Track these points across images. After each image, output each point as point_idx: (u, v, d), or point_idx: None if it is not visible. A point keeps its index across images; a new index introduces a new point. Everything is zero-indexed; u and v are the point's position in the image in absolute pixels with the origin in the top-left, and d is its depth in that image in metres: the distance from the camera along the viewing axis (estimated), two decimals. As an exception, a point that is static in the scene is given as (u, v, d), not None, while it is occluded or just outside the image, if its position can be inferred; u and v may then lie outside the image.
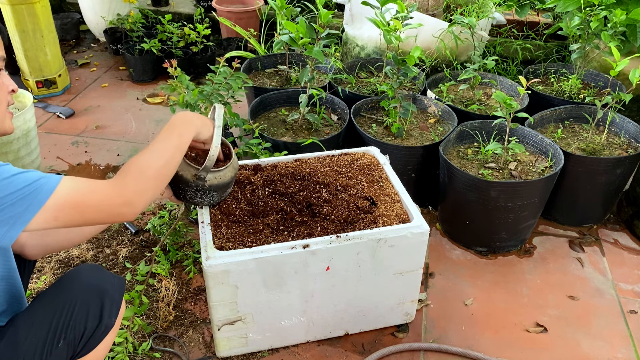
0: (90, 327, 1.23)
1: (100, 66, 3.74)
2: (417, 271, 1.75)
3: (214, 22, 3.82)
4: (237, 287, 1.56)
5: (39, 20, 3.02)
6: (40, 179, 1.09)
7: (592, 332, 1.91)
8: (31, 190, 1.06)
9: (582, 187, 2.26)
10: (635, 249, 2.30)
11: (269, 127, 2.42)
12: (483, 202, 2.08)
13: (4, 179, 1.04)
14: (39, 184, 1.08)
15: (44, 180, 1.09)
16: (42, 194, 1.08)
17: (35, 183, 1.07)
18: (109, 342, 1.31)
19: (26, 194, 1.06)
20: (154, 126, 3.06)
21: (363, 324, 1.83)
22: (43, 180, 1.09)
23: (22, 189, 1.05)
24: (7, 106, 1.22)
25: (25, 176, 1.08)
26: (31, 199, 1.06)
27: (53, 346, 1.18)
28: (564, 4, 2.61)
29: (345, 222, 1.66)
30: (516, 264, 2.20)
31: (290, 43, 2.20)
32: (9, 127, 1.22)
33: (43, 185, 1.08)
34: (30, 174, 1.09)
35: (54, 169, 2.67)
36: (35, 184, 1.07)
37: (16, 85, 1.26)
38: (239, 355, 1.76)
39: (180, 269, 2.08)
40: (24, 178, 1.07)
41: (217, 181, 1.54)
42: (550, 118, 2.46)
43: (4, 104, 1.20)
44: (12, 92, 1.23)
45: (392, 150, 2.16)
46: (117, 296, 1.29)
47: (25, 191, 1.06)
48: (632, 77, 2.08)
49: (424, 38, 2.73)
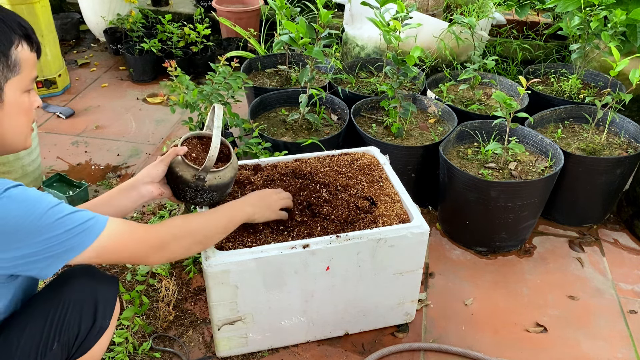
0: (84, 328, 1.22)
1: (100, 66, 3.74)
2: (417, 271, 1.75)
3: (214, 22, 3.82)
4: (237, 287, 1.56)
5: (39, 20, 3.02)
6: (89, 220, 1.14)
7: (592, 332, 1.91)
8: (80, 231, 1.11)
9: (582, 187, 2.26)
10: (635, 249, 2.30)
11: (269, 127, 2.42)
12: (483, 202, 2.08)
13: (60, 218, 1.08)
14: (87, 226, 1.13)
15: (92, 222, 1.14)
16: (89, 237, 1.13)
17: (84, 224, 1.12)
18: (104, 343, 1.30)
19: (74, 235, 1.10)
20: (154, 126, 3.06)
21: (363, 324, 1.83)
22: (91, 222, 1.14)
23: (71, 230, 1.10)
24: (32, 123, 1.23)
25: (76, 216, 1.11)
26: (77, 240, 1.11)
27: (47, 348, 1.17)
28: (564, 4, 2.61)
29: (345, 222, 1.66)
30: (516, 264, 2.20)
31: (290, 43, 2.20)
32: (30, 143, 1.24)
33: (91, 228, 1.13)
34: (81, 215, 1.13)
35: (54, 169, 2.67)
36: (84, 225, 1.12)
37: (41, 101, 1.28)
38: (239, 355, 1.76)
39: (180, 269, 2.08)
40: (75, 218, 1.11)
41: (216, 181, 1.54)
42: (550, 118, 2.46)
43: (31, 122, 1.22)
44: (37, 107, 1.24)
45: (392, 150, 2.16)
46: (111, 297, 1.29)
47: (73, 232, 1.10)
48: (632, 77, 2.08)
49: (424, 38, 2.73)
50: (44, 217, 1.06)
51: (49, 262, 1.08)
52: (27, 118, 1.19)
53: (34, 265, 1.07)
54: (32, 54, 1.16)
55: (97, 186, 2.56)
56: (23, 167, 2.39)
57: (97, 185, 2.57)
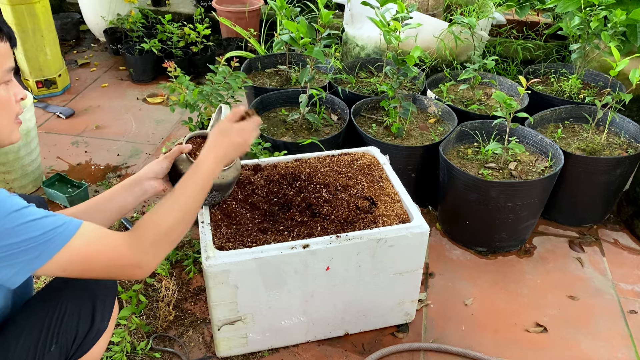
0: (82, 330, 1.21)
1: (100, 66, 3.74)
2: (417, 271, 1.75)
3: (214, 22, 3.82)
4: (237, 287, 1.56)
5: (39, 20, 3.02)
6: (57, 227, 1.04)
7: (592, 332, 1.91)
8: (46, 239, 1.02)
9: (582, 187, 2.26)
10: (635, 249, 2.30)
11: (269, 127, 2.42)
12: (483, 202, 2.08)
13: (22, 224, 1.00)
14: (54, 234, 1.04)
15: (59, 229, 1.05)
16: (55, 245, 1.04)
17: (51, 232, 1.03)
18: (103, 345, 1.30)
19: (39, 243, 1.01)
20: (154, 126, 3.06)
21: (363, 324, 1.83)
22: (59, 229, 1.05)
23: (37, 237, 1.01)
24: (16, 116, 1.18)
25: (43, 223, 1.03)
26: (43, 249, 1.02)
27: (45, 351, 1.17)
28: (564, 4, 2.61)
29: (345, 222, 1.66)
30: (516, 264, 2.20)
31: (291, 43, 2.20)
32: (16, 137, 1.18)
33: (57, 236, 1.04)
34: (48, 221, 1.04)
35: (54, 169, 2.67)
36: (50, 232, 1.03)
37: (25, 93, 1.22)
38: (239, 355, 1.76)
39: (180, 268, 2.08)
40: (41, 225, 1.02)
41: (219, 181, 1.54)
42: (550, 118, 2.46)
43: (13, 115, 1.16)
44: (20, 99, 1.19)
45: (392, 150, 2.16)
46: (109, 299, 1.28)
47: (39, 239, 1.02)
48: (632, 77, 2.08)
49: (424, 38, 2.73)
50: (6, 220, 0.98)
51: (11, 271, 1.01)
52: (8, 112, 1.14)
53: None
54: (4, 44, 1.10)
55: (97, 186, 2.56)
56: (23, 167, 2.39)
57: (97, 185, 2.57)
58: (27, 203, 1.04)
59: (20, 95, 1.18)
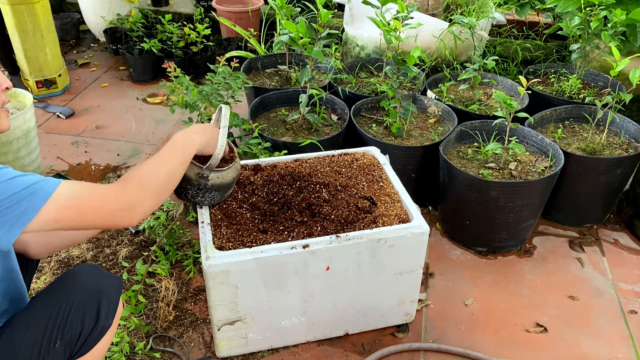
0: (87, 327, 1.22)
1: (100, 66, 3.74)
2: (417, 271, 1.75)
3: (214, 22, 3.82)
4: (237, 287, 1.56)
5: (39, 20, 3.02)
6: (39, 181, 1.09)
7: (592, 332, 1.91)
8: (29, 192, 1.06)
9: (582, 187, 2.26)
10: (635, 249, 2.30)
11: (269, 127, 2.42)
12: (483, 202, 2.08)
13: (3, 182, 1.04)
14: (38, 187, 1.08)
15: (42, 183, 1.09)
16: (40, 197, 1.08)
17: (33, 186, 1.07)
18: (107, 342, 1.30)
19: (24, 196, 1.06)
20: (154, 126, 3.06)
21: (363, 324, 1.83)
22: (41, 183, 1.09)
23: (20, 192, 1.05)
24: (2, 105, 1.22)
25: (24, 179, 1.08)
26: (29, 201, 1.06)
27: (50, 347, 1.18)
28: (564, 4, 2.61)
29: (345, 222, 1.66)
30: (516, 264, 2.20)
31: (290, 43, 2.20)
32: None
33: (41, 188, 1.08)
34: (29, 177, 1.09)
35: (54, 168, 2.66)
36: (33, 186, 1.07)
37: (10, 83, 1.26)
38: (239, 355, 1.76)
39: (180, 269, 2.08)
40: (22, 181, 1.07)
41: (219, 181, 1.54)
42: (550, 118, 2.46)
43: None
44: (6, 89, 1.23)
45: (392, 150, 2.16)
46: (115, 296, 1.29)
47: (23, 194, 1.06)
48: (632, 77, 2.08)
49: (424, 38, 2.73)
50: None
51: (4, 228, 1.04)
52: None
53: None
54: None
55: (97, 186, 2.56)
56: (23, 167, 2.39)
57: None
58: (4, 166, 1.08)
59: (5, 85, 1.22)
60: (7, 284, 1.24)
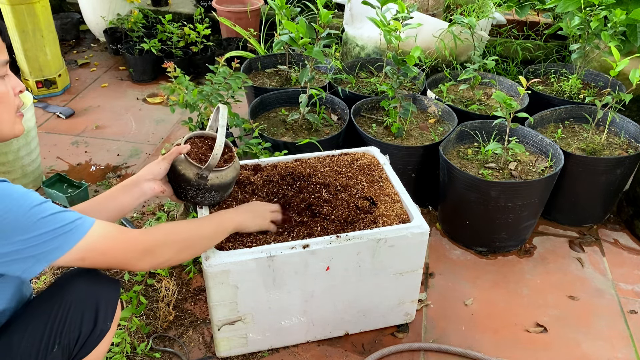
0: (85, 331, 1.22)
1: (100, 66, 3.74)
2: (417, 271, 1.75)
3: (214, 22, 3.82)
4: (237, 287, 1.56)
5: (39, 20, 3.02)
6: (76, 220, 1.12)
7: (592, 332, 1.91)
8: (65, 231, 1.09)
9: (582, 187, 2.26)
10: (635, 249, 2.30)
11: (269, 127, 2.42)
12: (483, 202, 2.08)
13: (43, 217, 1.06)
14: (74, 225, 1.11)
15: (79, 222, 1.12)
16: (75, 237, 1.11)
17: (70, 224, 1.10)
18: (105, 345, 1.30)
19: (60, 234, 1.08)
20: (154, 126, 3.06)
21: (363, 324, 1.83)
22: (79, 222, 1.12)
23: (57, 229, 1.08)
24: (18, 109, 1.21)
25: (63, 216, 1.10)
26: (63, 240, 1.09)
27: (48, 351, 1.17)
28: (564, 4, 2.61)
29: (345, 222, 1.66)
30: (516, 264, 2.20)
31: (290, 43, 2.20)
32: (19, 130, 1.22)
33: (77, 227, 1.11)
34: (68, 215, 1.11)
35: (54, 169, 2.67)
36: (70, 225, 1.10)
37: (24, 86, 1.25)
38: (239, 355, 1.76)
39: (180, 269, 2.08)
40: (61, 218, 1.09)
41: (218, 181, 1.54)
42: (550, 118, 2.46)
43: (14, 108, 1.20)
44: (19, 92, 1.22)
45: (392, 150, 2.16)
46: (113, 300, 1.28)
47: (60, 231, 1.08)
48: (632, 77, 2.08)
49: (424, 38, 2.73)
50: (28, 214, 1.04)
51: (31, 262, 1.06)
52: (7, 105, 1.17)
53: (15, 265, 1.05)
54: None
55: (97, 186, 2.56)
56: (23, 167, 2.39)
57: (97, 185, 2.57)
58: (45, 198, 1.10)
59: (18, 88, 1.21)
60: (18, 286, 1.23)
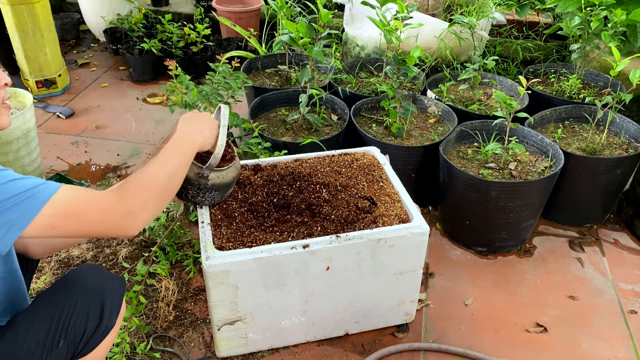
0: (90, 327, 1.23)
1: (100, 66, 3.74)
2: (417, 271, 1.75)
3: (214, 22, 3.82)
4: (237, 287, 1.56)
5: (39, 20, 3.02)
6: (38, 185, 1.07)
7: (592, 332, 1.91)
8: (28, 195, 1.05)
9: (582, 187, 2.26)
10: (635, 249, 2.30)
11: (269, 127, 2.42)
12: (483, 202, 2.08)
13: (2, 184, 1.03)
14: (37, 190, 1.07)
15: (42, 186, 1.08)
16: (39, 200, 1.06)
17: (32, 189, 1.06)
18: (110, 341, 1.31)
19: (22, 200, 1.04)
20: (154, 126, 3.06)
21: (363, 324, 1.83)
22: (41, 186, 1.08)
23: (18, 195, 1.04)
24: (2, 101, 1.22)
25: (23, 182, 1.06)
26: (27, 205, 1.05)
27: (53, 346, 1.18)
28: (564, 4, 2.61)
29: (345, 222, 1.66)
30: (516, 264, 2.20)
31: (291, 43, 2.20)
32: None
33: (40, 192, 1.07)
34: (29, 181, 1.07)
35: (54, 169, 2.66)
36: (32, 190, 1.06)
37: (9, 79, 1.25)
38: (239, 355, 1.76)
39: (180, 269, 2.08)
40: (21, 184, 1.06)
41: (219, 180, 1.54)
42: (550, 118, 2.46)
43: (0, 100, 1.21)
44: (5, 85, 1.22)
45: (392, 150, 2.16)
46: (118, 296, 1.30)
47: (21, 197, 1.04)
48: (632, 77, 2.08)
49: (424, 38, 2.73)
50: None
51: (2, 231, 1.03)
52: None
53: None
54: None
55: (97, 186, 2.56)
56: (23, 167, 2.39)
57: (97, 185, 2.57)
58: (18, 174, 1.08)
59: (4, 81, 1.21)
60: (9, 283, 1.24)
